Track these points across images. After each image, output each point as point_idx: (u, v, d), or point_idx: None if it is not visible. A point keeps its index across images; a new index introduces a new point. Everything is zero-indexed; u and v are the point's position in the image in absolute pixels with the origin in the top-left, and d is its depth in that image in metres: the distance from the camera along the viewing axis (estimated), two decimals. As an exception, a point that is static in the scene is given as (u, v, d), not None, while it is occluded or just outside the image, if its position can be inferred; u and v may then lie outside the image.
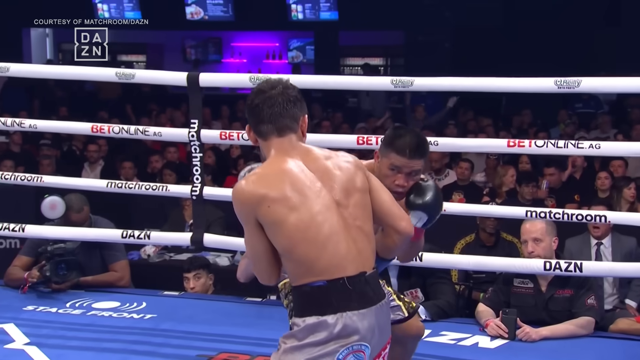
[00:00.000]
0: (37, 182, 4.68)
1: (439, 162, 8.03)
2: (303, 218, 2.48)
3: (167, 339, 4.14)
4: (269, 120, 2.57)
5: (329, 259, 2.49)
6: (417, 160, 2.95)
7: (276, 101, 2.56)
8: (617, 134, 8.94)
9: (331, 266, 2.49)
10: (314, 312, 2.47)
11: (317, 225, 2.49)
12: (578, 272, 3.92)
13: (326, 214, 2.51)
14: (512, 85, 4.01)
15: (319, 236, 2.49)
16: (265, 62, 15.04)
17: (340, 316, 2.46)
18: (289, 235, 2.48)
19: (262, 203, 2.47)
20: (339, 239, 2.51)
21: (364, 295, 2.51)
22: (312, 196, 2.50)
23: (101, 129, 4.52)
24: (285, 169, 2.53)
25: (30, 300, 4.66)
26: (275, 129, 2.57)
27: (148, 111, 11.40)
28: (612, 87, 4.01)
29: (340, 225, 2.52)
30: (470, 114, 10.87)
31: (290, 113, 2.58)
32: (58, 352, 3.90)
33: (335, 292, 2.48)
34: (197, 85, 4.29)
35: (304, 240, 2.48)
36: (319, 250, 2.48)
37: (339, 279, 2.48)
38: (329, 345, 2.45)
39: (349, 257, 2.51)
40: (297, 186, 2.50)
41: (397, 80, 4.04)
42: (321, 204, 2.51)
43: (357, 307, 2.48)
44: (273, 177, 2.52)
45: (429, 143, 3.08)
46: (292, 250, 2.50)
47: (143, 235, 4.49)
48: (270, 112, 2.56)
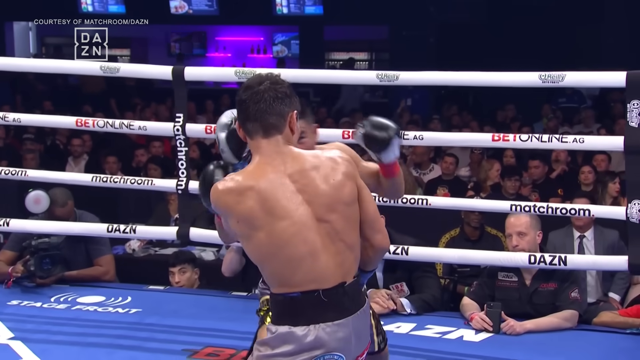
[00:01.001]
0: (22, 176, 4.66)
1: (424, 156, 8.05)
2: (271, 238, 2.41)
3: (153, 334, 4.14)
4: (255, 117, 2.47)
5: (303, 275, 2.43)
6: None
7: (262, 97, 2.47)
8: (600, 129, 8.99)
9: (306, 281, 2.43)
10: (286, 321, 2.44)
11: (292, 245, 2.42)
12: (562, 265, 3.95)
13: (303, 234, 2.43)
14: (498, 79, 4.03)
15: (293, 256, 2.43)
16: (250, 56, 15.01)
17: (312, 328, 2.41)
18: (257, 252, 2.46)
19: (230, 214, 2.44)
20: (317, 256, 2.44)
21: (340, 305, 2.46)
22: (286, 215, 2.41)
23: (85, 123, 4.51)
24: (260, 185, 2.43)
25: (14, 294, 4.64)
26: (261, 127, 2.48)
27: (132, 105, 11.36)
28: (596, 81, 4.05)
29: (319, 242, 2.45)
30: (454, 108, 10.91)
31: (276, 110, 2.47)
32: (43, 347, 3.89)
33: (308, 304, 2.43)
34: (183, 79, 4.29)
35: (274, 258, 2.44)
36: (293, 268, 2.43)
37: (314, 291, 2.43)
38: (299, 356, 2.41)
39: (327, 271, 2.45)
40: (268, 205, 2.41)
41: (383, 75, 4.05)
42: (298, 222, 2.42)
43: (332, 319, 2.43)
44: (246, 191, 2.42)
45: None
46: (262, 265, 2.48)
47: (129, 229, 4.48)
48: (256, 108, 2.47)
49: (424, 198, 4.30)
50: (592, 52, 11.25)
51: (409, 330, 4.12)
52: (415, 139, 4.12)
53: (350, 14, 13.05)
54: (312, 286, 2.43)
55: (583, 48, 11.54)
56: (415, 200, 4.25)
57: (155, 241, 6.25)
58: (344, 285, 2.47)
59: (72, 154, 8.63)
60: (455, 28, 12.49)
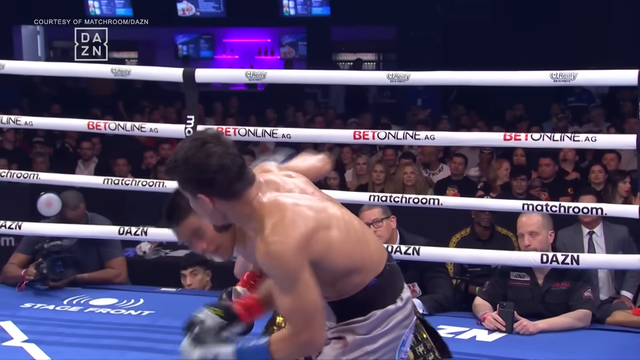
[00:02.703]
0: (34, 179, 4.68)
1: (433, 157, 8.05)
2: (339, 224, 2.42)
3: (165, 335, 4.13)
4: (240, 174, 2.32)
5: (373, 250, 2.50)
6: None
7: (231, 154, 2.32)
8: (610, 127, 8.97)
9: (377, 257, 2.50)
10: (375, 307, 2.45)
11: (350, 225, 2.46)
12: (575, 264, 3.94)
13: (341, 209, 2.49)
14: (509, 78, 4.03)
15: (358, 234, 2.47)
16: (258, 58, 15.02)
17: (399, 299, 2.48)
18: (344, 250, 2.40)
19: (311, 240, 2.31)
20: (366, 232, 2.53)
21: (397, 268, 2.55)
22: (327, 207, 2.44)
23: (97, 126, 4.52)
24: (288, 201, 2.35)
25: (27, 297, 4.64)
26: (248, 180, 2.35)
27: (140, 108, 11.38)
28: (608, 79, 4.04)
29: (353, 215, 2.53)
30: (462, 108, 10.91)
31: (241, 161, 2.35)
32: (56, 349, 3.89)
33: (386, 282, 2.48)
34: (193, 81, 4.30)
35: (355, 243, 2.45)
36: (365, 246, 2.48)
37: (385, 268, 2.49)
38: (394, 330, 2.46)
39: (379, 245, 2.54)
40: (315, 204, 2.41)
41: (394, 75, 4.05)
42: (337, 211, 2.46)
43: (402, 285, 2.52)
44: (296, 216, 2.32)
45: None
46: (350, 261, 2.42)
47: (140, 231, 4.49)
48: (238, 167, 2.32)
49: (436, 198, 4.30)
50: (599, 50, 11.24)
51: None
52: (427, 138, 4.12)
53: (358, 14, 13.06)
54: (381, 263, 2.48)
55: (590, 46, 11.53)
56: (427, 200, 4.25)
57: (166, 243, 6.27)
58: (393, 260, 2.56)
59: (82, 157, 8.66)
60: (462, 27, 12.49)
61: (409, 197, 4.24)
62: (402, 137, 4.14)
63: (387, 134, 4.15)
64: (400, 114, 11.36)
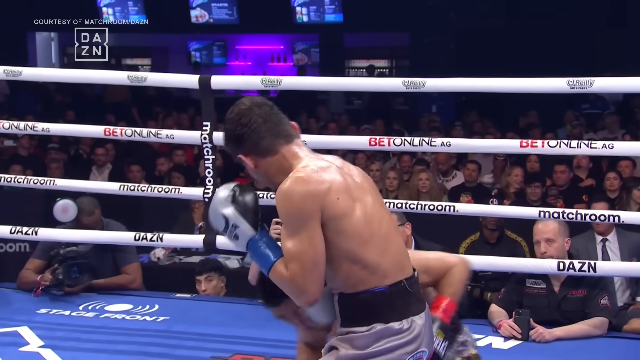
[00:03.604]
0: (50, 185, 4.69)
1: (447, 163, 8.04)
2: (366, 211, 2.34)
3: (181, 341, 4.15)
4: (271, 132, 2.42)
5: (392, 257, 2.37)
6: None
7: (264, 113, 2.44)
8: (625, 135, 8.94)
9: (393, 266, 2.36)
10: (376, 319, 2.33)
11: (378, 218, 2.36)
12: (592, 272, 3.92)
13: (380, 208, 2.40)
14: (525, 85, 4.01)
15: (381, 231, 2.36)
16: (270, 64, 15.06)
17: (405, 322, 2.35)
18: (357, 232, 2.31)
19: (329, 194, 2.29)
20: (393, 238, 2.40)
21: (419, 296, 2.41)
22: (362, 190, 2.38)
23: (114, 132, 4.53)
24: (330, 160, 2.40)
25: (43, 303, 4.67)
26: (281, 137, 2.43)
27: (154, 114, 11.41)
28: (626, 87, 4.02)
29: (391, 224, 2.43)
30: (474, 115, 10.89)
31: (285, 120, 2.47)
32: (72, 355, 3.91)
33: (398, 296, 2.35)
34: (209, 87, 4.30)
35: (371, 235, 2.33)
36: (384, 247, 2.35)
37: (400, 282, 2.36)
38: (393, 352, 2.33)
39: (405, 254, 2.42)
40: (348, 176, 2.38)
41: (409, 82, 4.04)
42: (371, 197, 2.38)
43: (416, 311, 2.38)
44: (328, 168, 2.35)
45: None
46: (359, 249, 2.32)
47: (156, 237, 4.49)
48: (269, 125, 2.42)
49: (452, 205, 4.29)
50: (614, 57, 11.19)
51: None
52: (443, 145, 4.11)
53: (371, 21, 13.06)
54: (398, 275, 2.35)
55: (604, 53, 11.49)
56: (443, 207, 4.24)
57: (180, 249, 6.29)
58: (415, 276, 2.42)
59: (96, 163, 8.69)
60: (475, 34, 12.47)
61: (425, 204, 4.23)
62: (418, 143, 4.13)
63: (402, 140, 4.15)
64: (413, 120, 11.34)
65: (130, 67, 14.84)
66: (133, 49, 15.33)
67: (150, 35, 14.67)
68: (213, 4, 14.08)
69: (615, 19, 11.86)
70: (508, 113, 10.88)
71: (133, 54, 15.68)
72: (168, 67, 14.98)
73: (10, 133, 6.97)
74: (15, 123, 4.70)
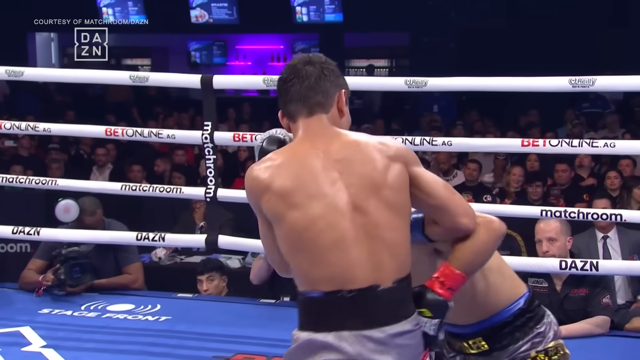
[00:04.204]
0: (51, 185, 4.69)
1: (448, 163, 8.04)
2: (304, 218, 2.12)
3: (183, 341, 4.15)
4: (298, 97, 2.23)
5: (326, 269, 2.12)
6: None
7: (306, 74, 2.23)
8: (625, 134, 8.94)
9: (330, 276, 2.12)
10: (309, 326, 2.16)
11: (317, 229, 2.12)
12: (594, 271, 3.92)
13: (332, 218, 2.12)
14: (527, 84, 4.01)
15: (316, 243, 2.12)
16: (271, 64, 15.06)
17: (333, 335, 2.11)
18: (285, 235, 2.16)
19: (264, 194, 2.16)
20: (345, 248, 2.12)
21: (369, 313, 2.12)
22: (319, 195, 2.13)
23: (115, 132, 4.54)
24: (299, 159, 2.17)
25: (45, 303, 4.67)
26: (305, 106, 2.23)
27: (154, 114, 11.42)
28: (628, 85, 4.01)
29: (351, 233, 2.13)
30: (475, 114, 10.89)
31: (322, 88, 2.22)
32: (75, 354, 3.91)
33: (331, 306, 2.12)
34: (211, 87, 4.30)
35: (300, 243, 2.14)
36: (315, 259, 2.13)
37: (338, 291, 2.12)
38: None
39: (357, 270, 2.12)
40: (306, 181, 2.14)
41: (411, 81, 4.03)
42: (330, 204, 2.13)
43: (357, 327, 2.10)
44: (283, 166, 2.17)
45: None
46: (287, 252, 2.19)
47: (157, 237, 4.49)
48: (300, 87, 2.22)
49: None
50: (615, 57, 11.19)
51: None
52: (444, 144, 4.11)
53: (370, 20, 13.06)
54: (337, 284, 2.12)
55: (605, 53, 11.50)
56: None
57: (181, 249, 6.29)
58: (377, 289, 2.13)
59: (97, 164, 8.69)
60: (476, 33, 12.47)
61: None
62: (419, 142, 4.13)
63: (404, 139, 4.15)
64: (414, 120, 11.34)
65: (130, 67, 14.84)
66: (133, 49, 15.34)
67: (150, 35, 14.68)
68: (213, 4, 14.08)
69: (618, 18, 11.85)
70: (508, 112, 10.89)
71: (133, 54, 15.68)
72: (168, 67, 14.99)
73: (11, 133, 6.97)
74: (16, 123, 4.70)
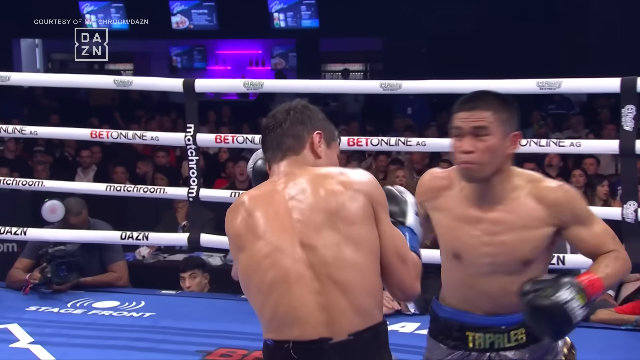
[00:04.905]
0: (37, 186, 4.67)
1: (421, 162, 8.07)
2: (252, 259, 1.98)
3: (167, 336, 4.14)
4: (272, 144, 2.12)
5: (271, 312, 1.95)
6: (480, 111, 2.28)
7: (282, 121, 2.12)
8: (589, 134, 9.02)
9: (276, 320, 1.94)
10: None
11: (263, 270, 1.95)
12: (561, 265, 3.96)
13: (276, 257, 1.94)
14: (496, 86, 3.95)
15: (262, 284, 1.95)
16: (249, 68, 15.04)
17: None
18: (240, 278, 2.05)
19: (228, 234, 2.09)
20: (287, 289, 1.92)
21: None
22: (263, 234, 1.97)
23: (100, 135, 4.52)
24: (259, 200, 2.04)
25: (32, 301, 4.63)
26: (278, 151, 2.11)
27: (136, 118, 11.37)
28: (592, 87, 4.07)
29: (293, 272, 1.92)
30: (446, 116, 10.92)
31: (294, 132, 2.10)
32: (62, 350, 3.88)
33: (277, 357, 1.94)
34: (193, 91, 4.30)
35: (251, 285, 2.00)
36: (263, 301, 1.97)
37: (285, 342, 1.91)
38: None
39: (303, 312, 1.91)
40: (251, 222, 2.00)
41: (386, 84, 4.06)
42: (271, 242, 1.96)
43: None
44: (236, 209, 2.06)
45: (507, 98, 2.40)
46: (246, 296, 2.07)
47: (141, 236, 4.48)
48: (274, 134, 2.12)
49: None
50: (578, 59, 11.30)
51: (414, 329, 4.12)
52: (418, 145, 4.13)
53: (345, 26, 13.09)
54: (283, 331, 1.93)
55: (567, 56, 11.60)
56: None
57: (164, 248, 6.27)
58: (328, 342, 1.89)
59: (81, 165, 8.63)
60: (446, 38, 12.55)
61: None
62: (394, 143, 4.15)
63: (380, 140, 4.17)
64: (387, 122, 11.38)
65: (113, 72, 14.75)
66: (116, 54, 15.17)
67: (132, 41, 14.61)
68: (193, 10, 14.05)
69: (578, 23, 11.97)
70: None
71: (116, 59, 15.55)
72: (150, 71, 14.93)
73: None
74: (3, 126, 4.67)
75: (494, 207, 2.35)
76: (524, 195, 2.35)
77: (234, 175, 7.31)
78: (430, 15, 12.91)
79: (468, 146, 2.27)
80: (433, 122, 10.53)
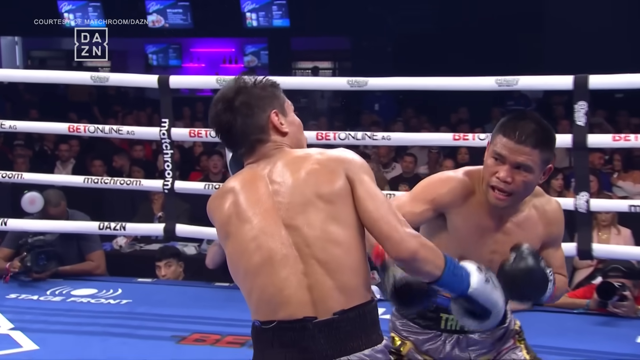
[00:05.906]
0: (17, 179, 4.63)
1: (387, 156, 8.11)
2: (238, 244, 1.90)
3: (143, 322, 4.13)
4: (235, 144, 2.02)
5: (258, 295, 1.87)
6: (528, 148, 2.17)
7: (229, 123, 1.98)
8: (545, 129, 9.08)
9: (263, 302, 1.86)
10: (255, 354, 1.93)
11: (249, 253, 1.87)
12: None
13: (259, 240, 1.87)
14: (458, 83, 4.08)
15: (249, 267, 1.87)
16: (223, 66, 14.95)
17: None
18: (229, 263, 1.96)
19: (214, 221, 2.00)
20: (272, 270, 1.85)
21: (306, 349, 1.82)
22: (248, 218, 1.90)
23: (77, 129, 4.48)
24: (243, 186, 1.95)
25: (12, 288, 4.60)
26: (248, 148, 2.00)
27: (114, 113, 11.28)
28: (547, 84, 4.11)
29: (278, 253, 1.86)
30: (410, 112, 10.99)
31: (251, 128, 1.98)
32: (41, 336, 3.86)
33: (265, 339, 1.86)
34: (168, 87, 4.28)
35: (239, 269, 1.92)
36: (250, 283, 1.88)
37: (271, 322, 1.85)
38: None
39: (288, 292, 1.84)
40: (242, 208, 1.91)
41: (353, 81, 4.07)
42: (256, 226, 1.88)
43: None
44: (222, 197, 1.96)
45: (553, 136, 2.27)
46: (235, 281, 1.97)
47: (119, 226, 4.46)
48: (230, 136, 2.00)
49: (392, 193, 4.34)
50: (535, 58, 11.40)
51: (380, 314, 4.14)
52: (384, 139, 4.15)
53: (315, 26, 13.07)
54: (269, 311, 1.86)
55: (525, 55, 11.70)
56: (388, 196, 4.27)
57: (140, 237, 6.24)
58: (312, 321, 1.83)
59: (60, 159, 8.54)
60: (410, 39, 12.59)
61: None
62: (361, 137, 4.16)
63: (347, 134, 4.18)
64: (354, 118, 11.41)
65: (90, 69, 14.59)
66: (93, 51, 15.08)
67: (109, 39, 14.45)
68: (168, 9, 13.94)
69: (534, 24, 12.09)
70: (441, 110, 10.99)
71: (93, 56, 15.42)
72: (127, 68, 14.79)
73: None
74: (-17, 121, 4.62)
75: (507, 218, 2.35)
76: (529, 208, 2.36)
77: (208, 169, 7.28)
78: (396, 15, 12.93)
79: (506, 176, 2.21)
80: (399, 118, 10.56)
